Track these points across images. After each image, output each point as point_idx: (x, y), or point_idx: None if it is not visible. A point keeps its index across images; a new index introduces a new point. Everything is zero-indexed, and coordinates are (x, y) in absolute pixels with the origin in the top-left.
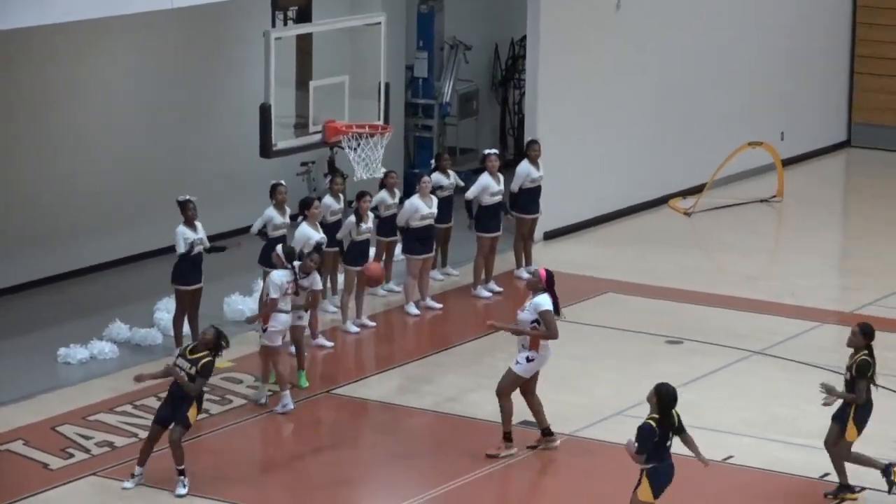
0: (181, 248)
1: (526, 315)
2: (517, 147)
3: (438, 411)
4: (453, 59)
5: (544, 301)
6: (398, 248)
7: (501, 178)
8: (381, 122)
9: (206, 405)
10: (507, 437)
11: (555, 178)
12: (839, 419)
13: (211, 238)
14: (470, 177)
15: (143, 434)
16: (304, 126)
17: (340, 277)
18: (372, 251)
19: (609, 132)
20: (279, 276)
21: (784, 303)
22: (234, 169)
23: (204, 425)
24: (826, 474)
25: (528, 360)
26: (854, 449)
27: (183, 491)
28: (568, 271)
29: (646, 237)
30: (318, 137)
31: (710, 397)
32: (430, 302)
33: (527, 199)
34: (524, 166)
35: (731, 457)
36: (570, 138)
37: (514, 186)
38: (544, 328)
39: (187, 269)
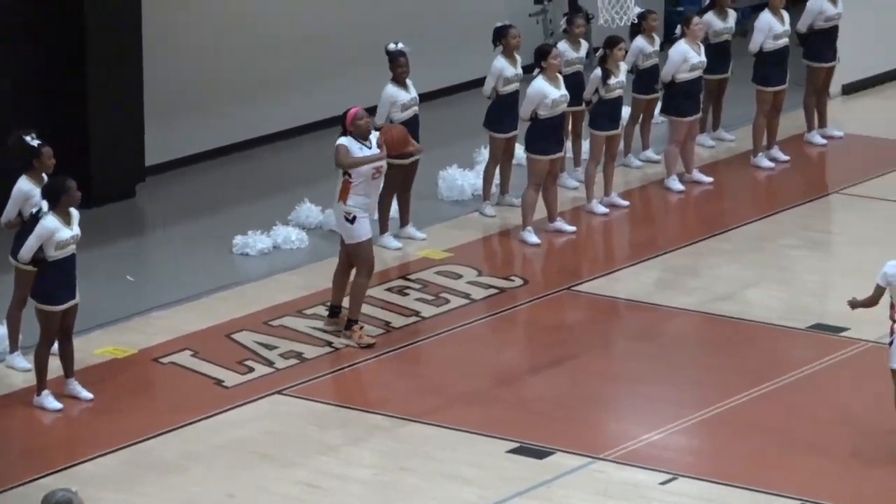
0: (383, 118)
1: None
2: None
3: (707, 312)
4: None
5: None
6: (658, 108)
7: (787, 17)
8: None
9: (419, 306)
10: (334, 314)
11: (855, 16)
12: None
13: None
14: (749, 16)
15: (339, 343)
16: None
17: (585, 144)
18: (625, 111)
19: None
20: None
21: None
22: (448, 10)
23: (422, 328)
24: None
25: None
26: None
27: None
28: (870, 133)
29: None
30: None
31: None
32: (697, 175)
33: (820, 43)
34: (817, 0)
35: None
36: None
37: (802, 26)
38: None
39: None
